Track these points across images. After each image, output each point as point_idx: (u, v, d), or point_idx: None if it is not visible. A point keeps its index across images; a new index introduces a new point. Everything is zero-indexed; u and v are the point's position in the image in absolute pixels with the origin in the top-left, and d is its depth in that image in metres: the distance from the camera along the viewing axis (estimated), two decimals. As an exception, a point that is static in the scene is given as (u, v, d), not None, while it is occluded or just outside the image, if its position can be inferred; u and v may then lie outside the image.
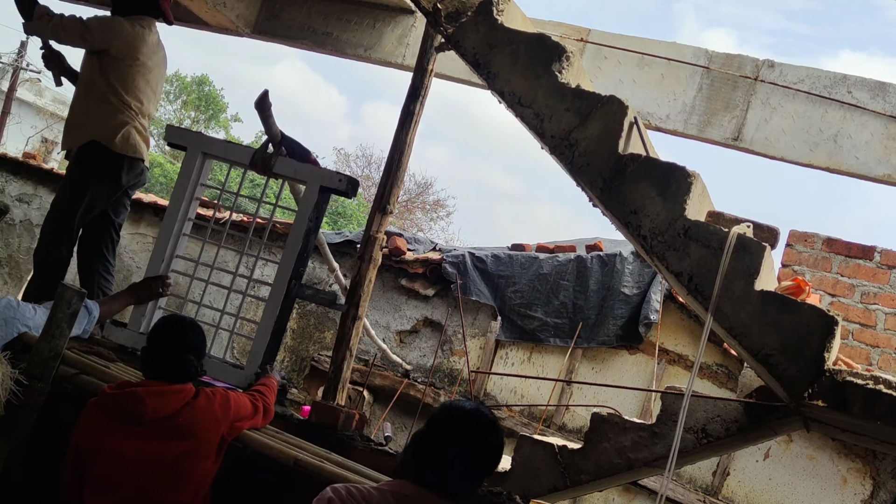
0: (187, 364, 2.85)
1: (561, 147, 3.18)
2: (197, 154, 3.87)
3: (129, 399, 2.74)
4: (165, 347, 2.85)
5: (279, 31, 6.63)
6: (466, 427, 2.19)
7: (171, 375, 2.82)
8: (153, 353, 2.87)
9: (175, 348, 2.85)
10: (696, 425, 3.32)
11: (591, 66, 5.62)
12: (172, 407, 2.76)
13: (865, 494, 5.58)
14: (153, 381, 2.83)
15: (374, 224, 3.71)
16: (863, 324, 5.83)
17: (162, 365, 2.84)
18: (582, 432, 4.61)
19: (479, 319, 6.81)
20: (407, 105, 3.78)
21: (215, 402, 2.84)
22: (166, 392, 2.77)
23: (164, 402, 2.75)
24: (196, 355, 2.90)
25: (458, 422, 2.20)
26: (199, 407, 2.80)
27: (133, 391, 2.76)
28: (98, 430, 2.72)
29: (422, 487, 2.12)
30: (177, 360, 2.84)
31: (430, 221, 28.91)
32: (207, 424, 2.79)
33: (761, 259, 2.86)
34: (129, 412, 2.72)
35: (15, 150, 16.07)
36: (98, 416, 2.76)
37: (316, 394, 6.12)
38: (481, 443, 2.19)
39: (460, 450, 2.16)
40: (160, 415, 2.73)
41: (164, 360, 2.84)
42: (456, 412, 2.24)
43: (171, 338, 2.88)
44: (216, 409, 2.83)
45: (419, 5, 3.48)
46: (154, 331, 2.96)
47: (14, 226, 8.24)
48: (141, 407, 2.71)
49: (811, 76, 5.32)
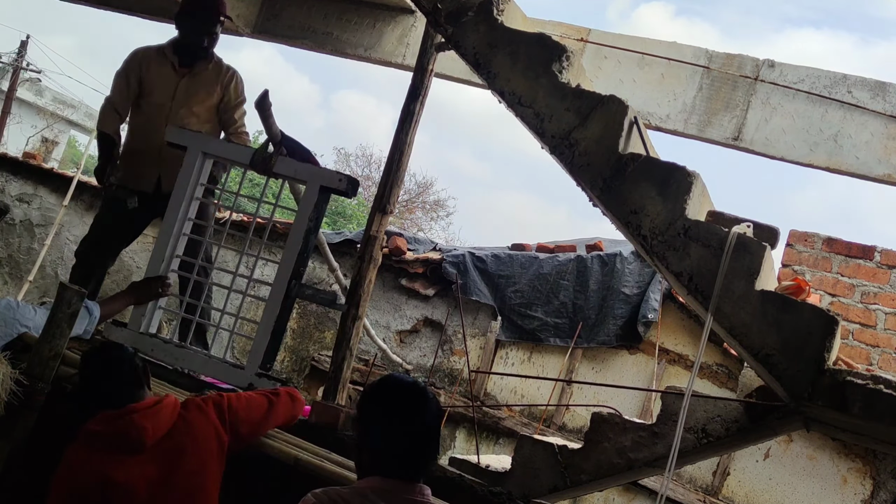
0: (125, 393, 2.69)
1: (561, 147, 3.18)
2: (197, 154, 3.87)
3: (127, 427, 2.59)
4: (106, 386, 2.70)
5: (279, 31, 6.63)
6: (414, 408, 2.20)
7: (117, 402, 2.66)
8: (96, 390, 2.70)
9: (116, 384, 2.69)
10: (697, 425, 3.32)
11: (591, 66, 5.62)
12: (166, 423, 2.65)
13: (865, 494, 5.58)
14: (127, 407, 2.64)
15: (374, 224, 3.70)
16: (863, 324, 5.83)
17: (109, 398, 2.67)
18: (582, 432, 4.61)
19: (479, 319, 6.81)
20: (407, 105, 3.78)
21: (208, 410, 2.76)
22: (154, 412, 2.65)
23: (159, 421, 2.64)
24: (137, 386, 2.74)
25: (401, 406, 2.21)
26: (193, 421, 2.72)
27: (130, 418, 2.60)
28: (102, 467, 2.55)
29: (399, 480, 2.15)
30: (119, 392, 2.68)
31: (430, 221, 28.91)
32: (206, 434, 2.72)
33: (761, 259, 2.87)
34: (132, 440, 2.58)
35: (15, 149, 16.05)
36: (92, 455, 2.58)
37: (316, 394, 6.12)
38: (429, 414, 2.21)
39: (415, 433, 2.18)
40: (160, 434, 2.62)
41: (111, 394, 2.68)
42: (392, 396, 2.24)
43: (106, 375, 2.71)
44: (212, 419, 2.75)
45: (419, 5, 3.49)
46: (84, 366, 2.79)
47: (14, 226, 8.24)
48: (142, 433, 2.59)
49: (811, 76, 5.32)
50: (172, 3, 6.31)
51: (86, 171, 8.79)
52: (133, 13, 7.10)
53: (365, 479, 2.21)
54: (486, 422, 6.42)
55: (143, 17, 7.07)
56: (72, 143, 31.69)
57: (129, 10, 7.11)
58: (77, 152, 30.83)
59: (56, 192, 8.25)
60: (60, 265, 8.08)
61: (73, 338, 3.18)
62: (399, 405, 2.21)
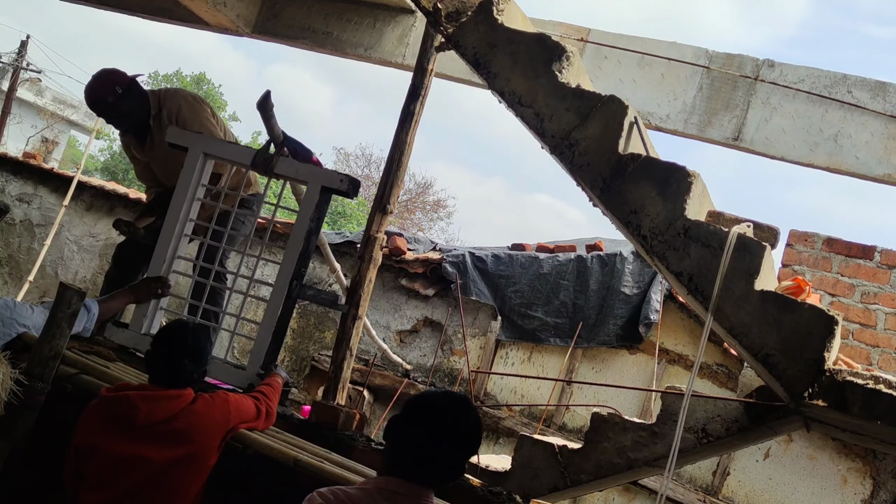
0: (183, 370, 2.84)
1: (561, 147, 3.18)
2: (198, 154, 3.87)
3: (123, 402, 2.74)
4: (163, 353, 2.85)
5: (279, 31, 6.63)
6: (445, 413, 2.18)
7: (167, 381, 2.81)
8: (151, 358, 2.88)
9: (170, 354, 2.83)
10: (697, 425, 3.32)
11: (591, 66, 5.62)
12: (167, 412, 2.74)
13: (865, 494, 5.58)
14: (150, 386, 2.82)
15: (374, 224, 3.71)
16: (863, 323, 5.83)
17: (159, 370, 2.84)
18: (582, 432, 4.61)
19: (479, 319, 6.81)
20: (407, 105, 3.78)
21: (214, 406, 2.83)
22: (161, 397, 2.77)
23: (158, 407, 2.74)
24: (194, 361, 2.88)
25: (436, 409, 2.19)
26: (198, 412, 2.79)
27: (126, 395, 2.75)
28: (95, 430, 2.73)
29: (410, 482, 2.12)
30: (172, 366, 2.82)
31: (430, 221, 28.93)
32: (206, 429, 2.78)
33: (761, 259, 2.86)
34: (123, 415, 2.72)
35: (15, 149, 16.08)
36: (96, 417, 2.77)
37: (316, 394, 6.12)
38: (462, 426, 2.18)
39: (443, 437, 2.14)
40: (154, 419, 2.72)
41: (161, 365, 2.84)
42: (431, 400, 2.25)
43: (168, 343, 2.86)
44: (215, 414, 2.81)
45: (419, 5, 3.48)
46: (156, 335, 2.97)
47: (14, 226, 8.24)
48: (134, 411, 2.71)
49: (811, 76, 5.32)
50: (172, 3, 6.32)
51: (86, 171, 8.79)
52: (133, 13, 7.10)
53: (375, 479, 2.21)
54: (486, 422, 6.42)
55: (143, 17, 7.07)
56: (72, 143, 31.70)
57: (129, 10, 7.11)
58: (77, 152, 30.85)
59: (56, 192, 8.26)
60: (60, 265, 8.08)
61: (73, 336, 3.18)
62: (447, 410, 2.19)
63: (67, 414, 2.87)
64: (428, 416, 2.18)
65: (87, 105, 4.52)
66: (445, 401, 2.22)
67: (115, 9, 7.19)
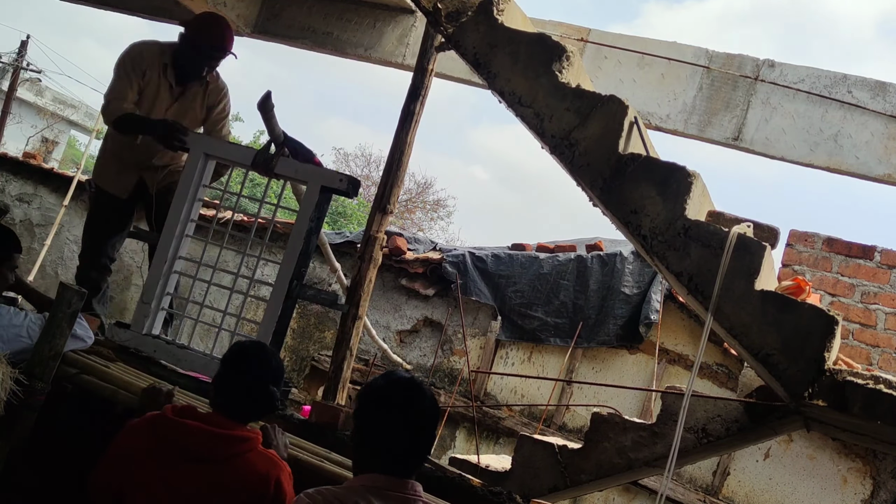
0: (270, 398, 2.56)
1: (561, 147, 3.18)
2: (199, 155, 3.87)
3: (182, 431, 2.49)
4: (245, 380, 2.55)
5: (279, 31, 6.64)
6: (402, 403, 2.19)
7: (241, 412, 2.54)
8: (228, 385, 2.56)
9: (255, 381, 2.55)
10: (697, 425, 3.32)
11: (591, 66, 5.62)
12: (224, 452, 2.47)
13: (865, 494, 5.58)
14: (216, 415, 2.54)
15: (374, 224, 3.71)
16: (863, 323, 5.83)
17: (237, 398, 2.55)
18: (582, 432, 4.61)
19: (479, 319, 6.81)
20: (407, 105, 3.78)
21: (283, 481, 2.51)
22: (226, 436, 2.49)
23: (217, 445, 2.48)
24: (279, 387, 2.61)
25: (391, 402, 2.21)
26: (247, 467, 2.48)
27: (194, 425, 2.49)
28: (142, 450, 2.49)
29: (391, 476, 2.16)
30: (255, 394, 2.55)
31: (430, 221, 28.91)
32: (253, 487, 2.47)
33: (761, 259, 2.87)
34: (181, 447, 2.48)
35: (15, 149, 16.07)
36: (147, 434, 2.52)
37: (316, 393, 6.12)
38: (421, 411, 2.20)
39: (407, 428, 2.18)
40: (214, 457, 2.47)
41: (243, 394, 2.55)
42: (383, 392, 2.24)
43: (249, 369, 2.57)
44: (271, 489, 2.48)
45: (419, 5, 3.49)
46: (232, 359, 2.63)
47: (14, 226, 8.24)
48: (195, 445, 2.47)
49: (811, 76, 5.32)
50: (172, 4, 6.32)
51: (86, 171, 8.79)
52: (133, 13, 7.11)
53: (358, 477, 2.22)
54: (486, 422, 6.42)
55: (143, 17, 7.08)
56: (72, 143, 31.69)
57: (129, 10, 7.12)
58: (77, 152, 30.84)
59: (56, 192, 8.26)
60: (60, 265, 8.08)
61: None
62: (394, 397, 2.21)
63: (67, 414, 2.87)
64: (386, 409, 2.20)
65: (204, 39, 4.34)
66: (396, 389, 2.22)
67: (115, 9, 7.20)
